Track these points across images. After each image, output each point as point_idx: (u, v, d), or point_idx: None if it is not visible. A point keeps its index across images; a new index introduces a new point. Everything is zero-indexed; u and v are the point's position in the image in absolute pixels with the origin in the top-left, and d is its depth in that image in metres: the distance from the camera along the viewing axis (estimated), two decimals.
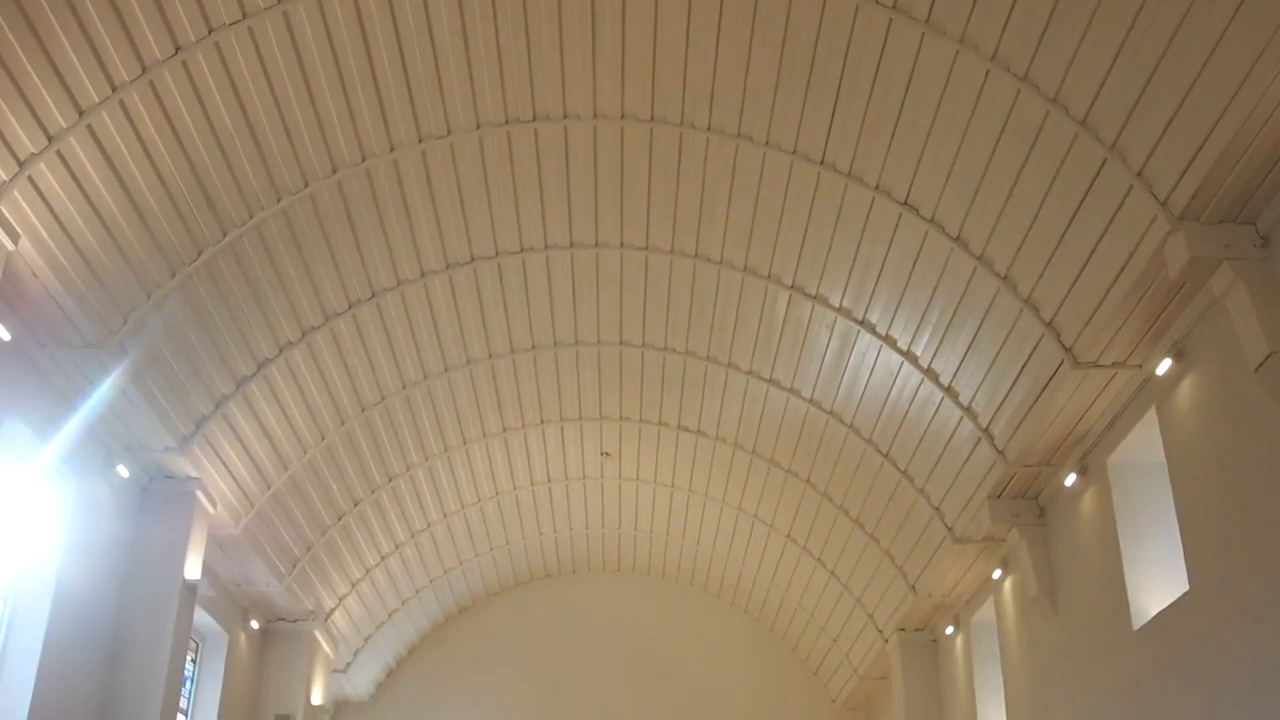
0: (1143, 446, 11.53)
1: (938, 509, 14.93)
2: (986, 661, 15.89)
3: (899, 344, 13.81)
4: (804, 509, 18.18)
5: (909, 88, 11.20)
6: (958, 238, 11.92)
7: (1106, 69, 9.30)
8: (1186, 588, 10.35)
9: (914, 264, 12.72)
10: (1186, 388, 10.38)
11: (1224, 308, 9.42)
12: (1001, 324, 11.94)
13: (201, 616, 15.58)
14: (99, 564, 12.75)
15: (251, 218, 12.20)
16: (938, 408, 13.78)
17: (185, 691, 15.75)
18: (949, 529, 14.80)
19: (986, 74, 10.35)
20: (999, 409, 12.68)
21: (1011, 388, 12.25)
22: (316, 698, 18.27)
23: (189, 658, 15.79)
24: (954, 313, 12.60)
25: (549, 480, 19.84)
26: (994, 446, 13.05)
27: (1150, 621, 11.07)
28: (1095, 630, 12.30)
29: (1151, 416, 11.11)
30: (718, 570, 21.94)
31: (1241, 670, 9.41)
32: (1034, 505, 13.75)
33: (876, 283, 13.45)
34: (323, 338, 14.23)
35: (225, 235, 12.05)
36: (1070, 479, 12.73)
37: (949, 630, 17.01)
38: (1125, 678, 11.53)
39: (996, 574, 15.14)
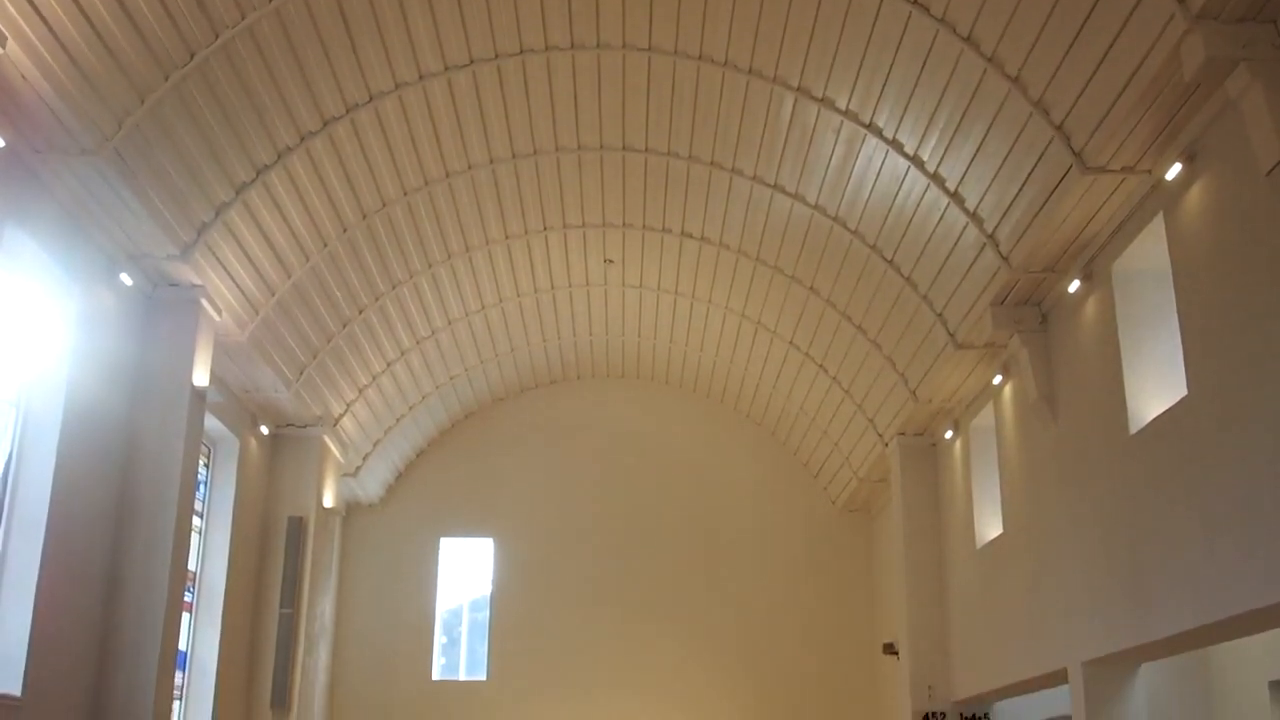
0: (1148, 253, 11.47)
1: (940, 315, 14.96)
2: (984, 465, 16.18)
3: (906, 148, 13.60)
4: (807, 315, 18.24)
5: None
6: (968, 38, 11.59)
7: None
8: (1185, 393, 10.44)
9: (923, 65, 12.41)
10: (1195, 193, 10.26)
11: (1238, 110, 9.22)
12: (1010, 128, 11.72)
13: (212, 422, 15.82)
14: (108, 372, 12.86)
15: (243, 18, 11.84)
16: (943, 213, 13.66)
17: (199, 495, 16.12)
18: (951, 335, 14.87)
19: None
20: (1005, 214, 12.57)
21: (1018, 193, 12.12)
22: (328, 501, 18.71)
23: (201, 462, 16.09)
24: (962, 116, 12.37)
25: (552, 287, 19.87)
26: (998, 253, 12.99)
27: (1147, 426, 11.21)
28: (1092, 435, 12.48)
29: (1158, 222, 11.01)
30: (721, 376, 22.17)
31: (1235, 473, 9.57)
32: (1036, 312, 13.76)
33: (884, 85, 13.16)
34: (321, 143, 14.03)
35: (217, 37, 11.72)
36: (1074, 286, 12.71)
37: (948, 435, 17.27)
38: (1120, 481, 11.75)
39: (997, 380, 15.28)
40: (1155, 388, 11.43)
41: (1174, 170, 10.42)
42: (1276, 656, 15.43)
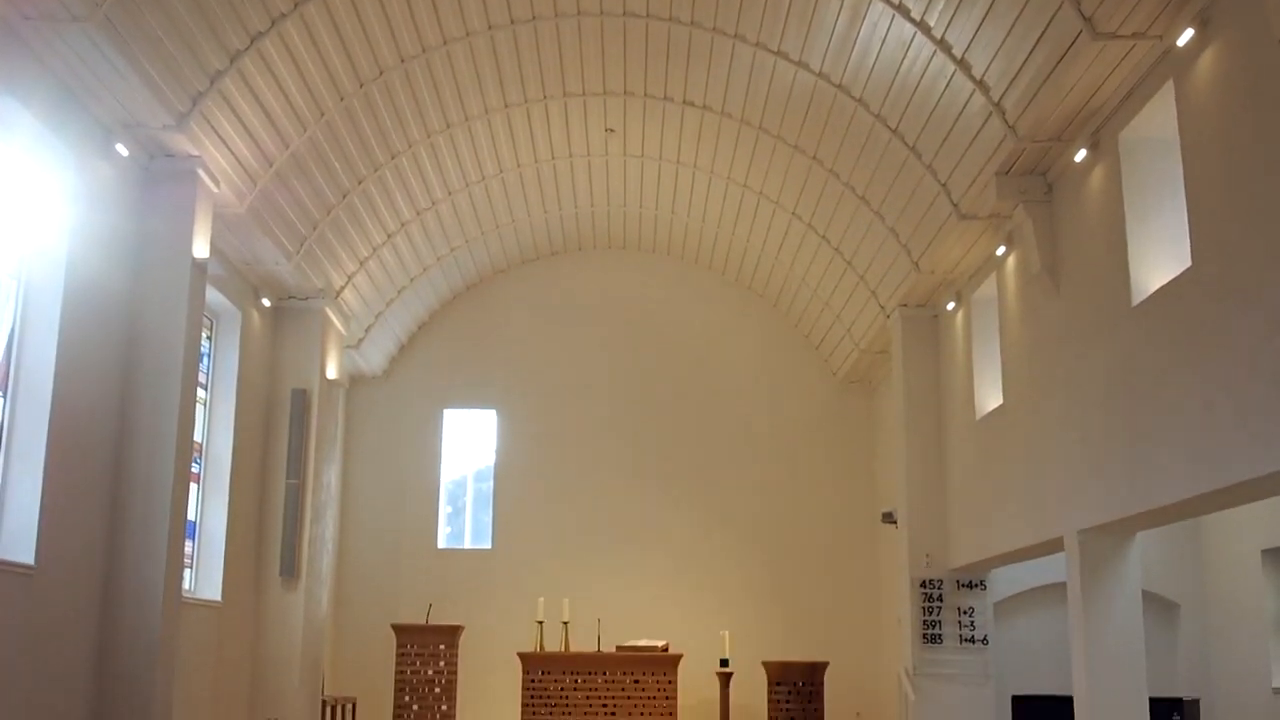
0: (1156, 121, 11.32)
1: (944, 185, 14.83)
2: (985, 337, 16.20)
3: (912, 13, 13.31)
4: (810, 185, 18.09)
5: None
6: None
7: None
8: (1188, 264, 10.40)
9: None
10: (1207, 60, 10.07)
11: None
12: None
13: (213, 295, 15.81)
14: (107, 244, 12.80)
15: None
16: (949, 81, 13.44)
17: (203, 368, 16.20)
18: (955, 205, 14.76)
19: None
20: (1012, 82, 12.36)
21: (1026, 60, 11.90)
22: (331, 373, 18.79)
23: (204, 335, 16.13)
24: None
25: (553, 157, 19.67)
26: (1005, 121, 12.82)
27: (1149, 297, 11.19)
28: (1094, 306, 12.46)
29: (1168, 90, 10.84)
30: (722, 247, 22.08)
31: (1235, 345, 9.59)
32: (1042, 181, 13.63)
33: None
34: (315, 8, 13.71)
35: None
36: (1080, 155, 12.57)
37: (950, 306, 17.26)
38: (1121, 353, 11.77)
39: (1000, 251, 15.21)
40: (1159, 258, 11.39)
41: (1185, 36, 10.22)
42: (1269, 525, 15.71)
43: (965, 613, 17.16)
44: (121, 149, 12.84)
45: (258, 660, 17.33)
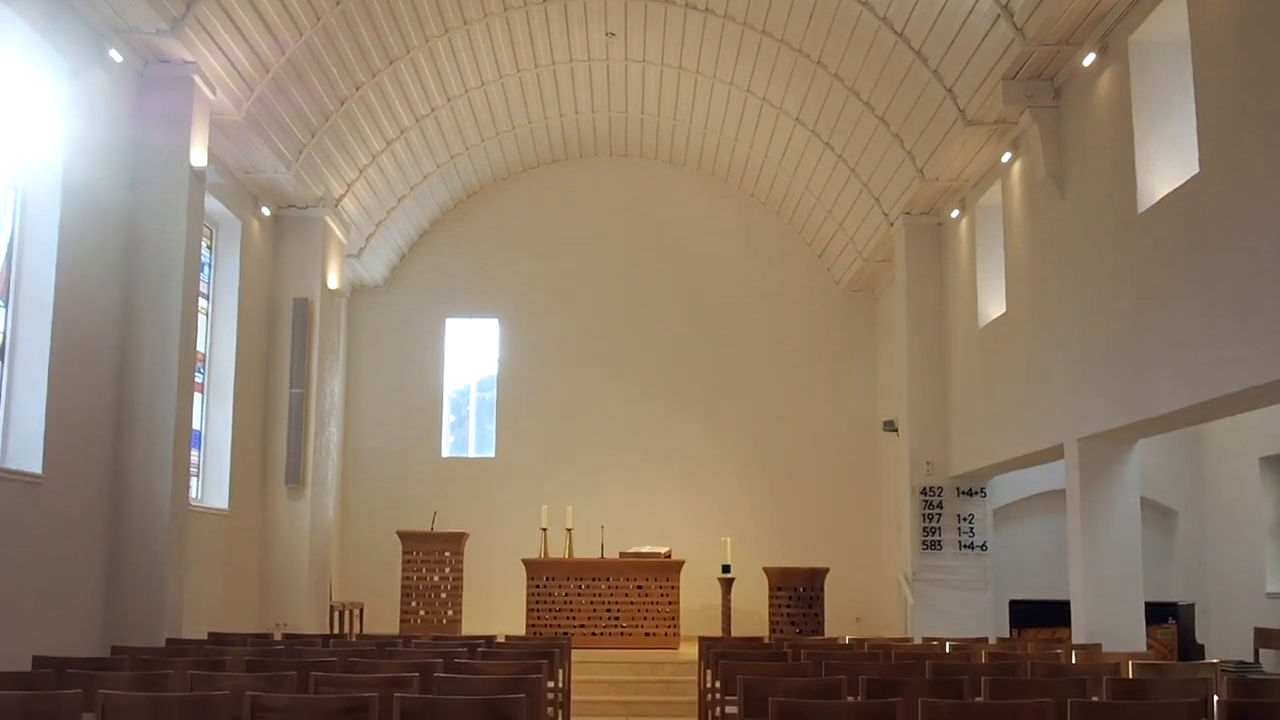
0: (1167, 24, 11.13)
1: (950, 90, 14.64)
2: (990, 244, 16.12)
3: None
4: (814, 91, 17.86)
5: None
6: None
7: None
8: (1196, 170, 10.30)
9: None
10: None
11: None
12: None
13: (213, 204, 15.71)
14: (104, 152, 12.66)
15: None
16: None
17: (204, 277, 16.14)
18: (961, 111, 14.59)
19: None
20: None
21: None
22: (332, 282, 18.73)
23: (204, 244, 16.05)
24: None
25: (553, 63, 19.39)
26: (1013, 24, 12.61)
27: (1156, 204, 11.11)
28: (1100, 213, 12.38)
29: None
30: (725, 154, 21.88)
31: (1240, 253, 9.53)
32: (1049, 86, 13.46)
33: None
34: None
35: None
36: (1089, 58, 12.39)
37: (954, 213, 17.14)
38: (1127, 260, 11.71)
39: (1005, 157, 15.06)
40: (1166, 165, 11.28)
41: None
42: (1268, 433, 15.78)
43: (965, 519, 17.33)
44: (115, 55, 12.65)
45: (266, 567, 17.54)
